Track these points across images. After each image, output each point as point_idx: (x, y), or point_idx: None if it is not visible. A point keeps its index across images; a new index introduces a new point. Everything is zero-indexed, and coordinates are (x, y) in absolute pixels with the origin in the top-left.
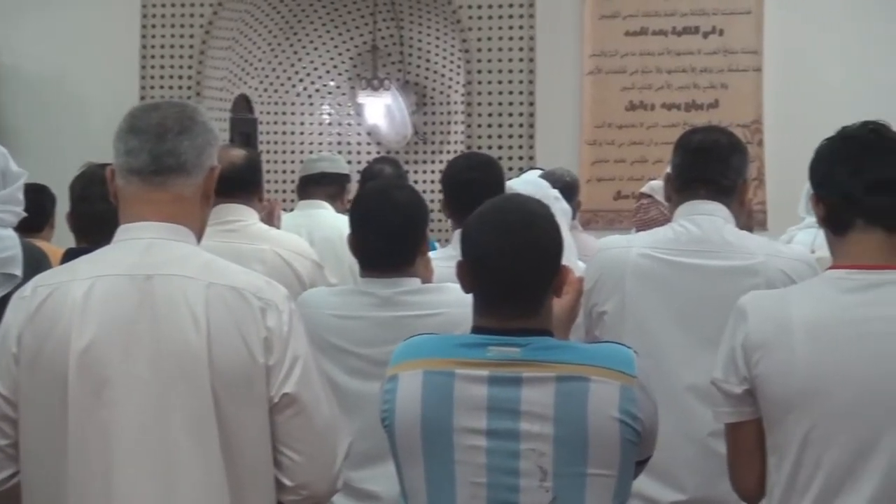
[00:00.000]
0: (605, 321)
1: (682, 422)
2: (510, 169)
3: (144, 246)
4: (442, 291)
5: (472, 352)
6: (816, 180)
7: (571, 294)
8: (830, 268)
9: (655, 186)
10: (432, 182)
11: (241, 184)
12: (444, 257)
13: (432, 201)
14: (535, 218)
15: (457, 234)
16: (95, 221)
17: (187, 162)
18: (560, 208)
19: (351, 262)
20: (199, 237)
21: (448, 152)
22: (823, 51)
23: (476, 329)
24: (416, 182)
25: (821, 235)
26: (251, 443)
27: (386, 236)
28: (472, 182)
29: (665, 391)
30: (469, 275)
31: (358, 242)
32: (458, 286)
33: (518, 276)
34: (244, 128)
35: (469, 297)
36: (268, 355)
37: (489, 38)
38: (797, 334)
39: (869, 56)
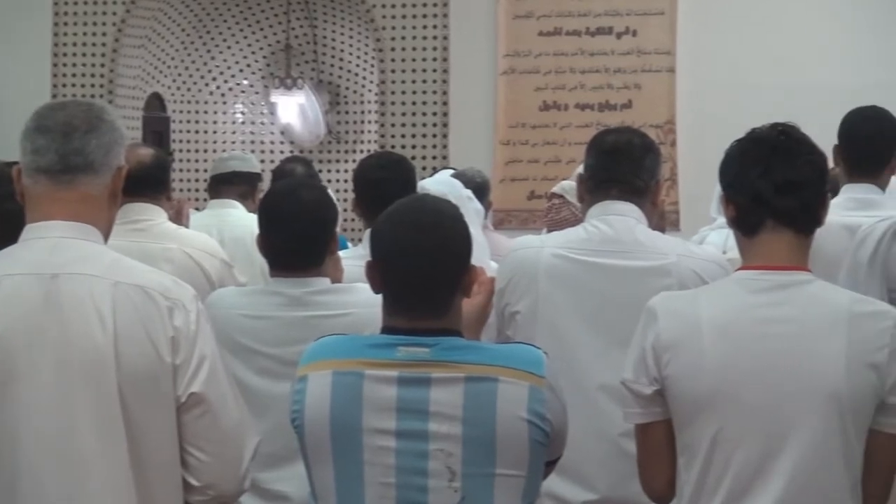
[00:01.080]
0: (517, 321)
1: (594, 421)
2: (423, 168)
3: (51, 245)
4: (351, 292)
5: (382, 352)
6: (726, 181)
7: (482, 294)
8: (740, 269)
9: (566, 187)
10: (346, 181)
11: (149, 183)
12: (355, 256)
13: (345, 200)
14: (445, 218)
15: (367, 233)
16: (2, 221)
17: (94, 161)
18: (473, 208)
19: (262, 262)
20: (107, 236)
21: (361, 151)
22: (736, 52)
23: (385, 329)
24: (329, 181)
25: (732, 236)
26: (158, 442)
27: (294, 236)
28: (383, 181)
29: (577, 391)
30: (378, 274)
31: (266, 242)
32: (367, 286)
33: (427, 275)
34: (157, 126)
35: (378, 298)
36: (175, 355)
37: (403, 38)
38: (706, 335)
39: (781, 57)
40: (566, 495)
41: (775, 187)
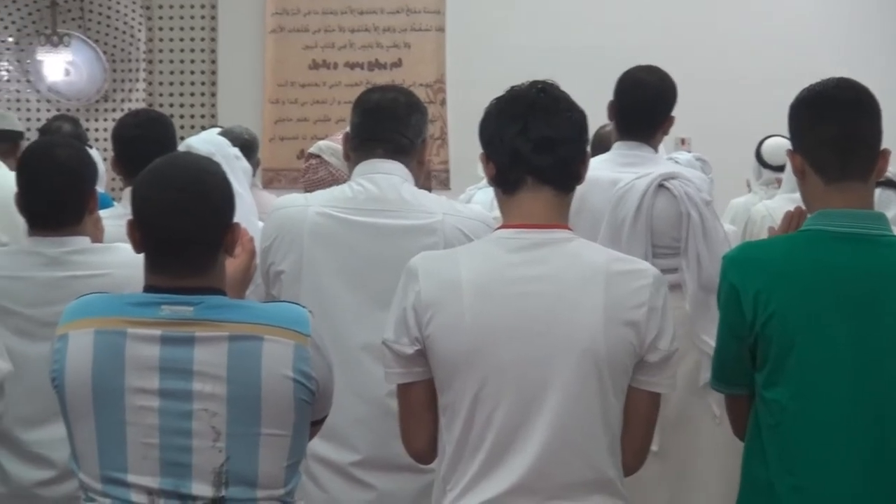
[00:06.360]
0: (282, 280)
1: (358, 382)
2: (192, 127)
3: None
4: (111, 251)
5: (144, 310)
6: (486, 140)
7: (244, 254)
8: (499, 227)
9: (324, 147)
10: None
11: None
12: (115, 216)
13: None
14: (204, 174)
15: (127, 191)
16: None
17: None
18: (240, 167)
19: (24, 222)
20: None
21: (129, 110)
22: (505, 11)
23: (148, 288)
24: (97, 140)
25: None
26: None
27: (50, 195)
28: (139, 139)
29: (341, 351)
30: (139, 233)
31: (23, 201)
32: (128, 246)
33: (187, 232)
34: None
35: (139, 258)
36: None
37: None
38: (466, 294)
39: (549, 17)
40: (330, 456)
41: (533, 145)
